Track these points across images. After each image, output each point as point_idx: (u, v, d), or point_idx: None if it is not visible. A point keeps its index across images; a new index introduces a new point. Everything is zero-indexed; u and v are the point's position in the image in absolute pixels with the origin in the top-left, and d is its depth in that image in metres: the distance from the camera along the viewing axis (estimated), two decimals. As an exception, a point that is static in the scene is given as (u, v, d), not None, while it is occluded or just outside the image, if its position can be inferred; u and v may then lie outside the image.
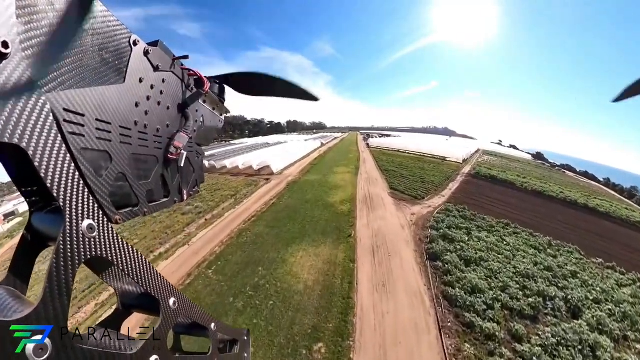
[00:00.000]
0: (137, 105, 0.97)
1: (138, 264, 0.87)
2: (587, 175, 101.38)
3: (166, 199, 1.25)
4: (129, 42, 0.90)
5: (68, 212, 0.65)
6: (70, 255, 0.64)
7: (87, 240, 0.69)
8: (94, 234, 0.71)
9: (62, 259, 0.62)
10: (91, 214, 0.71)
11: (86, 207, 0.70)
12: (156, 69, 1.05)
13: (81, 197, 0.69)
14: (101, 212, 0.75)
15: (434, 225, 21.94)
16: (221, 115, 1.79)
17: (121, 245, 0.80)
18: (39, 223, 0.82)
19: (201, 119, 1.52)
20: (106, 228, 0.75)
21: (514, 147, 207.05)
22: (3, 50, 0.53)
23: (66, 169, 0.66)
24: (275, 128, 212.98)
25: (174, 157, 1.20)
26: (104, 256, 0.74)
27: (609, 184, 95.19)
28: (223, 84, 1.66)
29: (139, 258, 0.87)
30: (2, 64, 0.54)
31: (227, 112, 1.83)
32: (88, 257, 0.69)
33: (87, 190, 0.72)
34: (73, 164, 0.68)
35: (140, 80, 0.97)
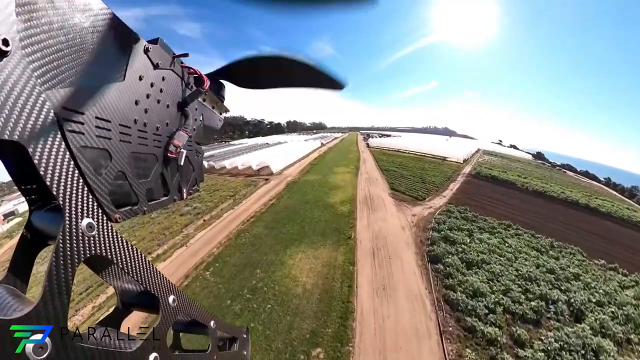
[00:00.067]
0: (137, 103, 0.96)
1: (137, 263, 0.87)
2: (588, 175, 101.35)
3: (166, 198, 1.25)
4: (129, 40, 0.90)
5: (67, 211, 0.65)
6: (69, 253, 0.64)
7: (87, 238, 0.69)
8: (94, 233, 0.71)
9: (62, 258, 0.62)
10: (91, 213, 0.71)
11: (85, 206, 0.70)
12: (156, 67, 1.04)
13: (81, 196, 0.69)
14: (100, 211, 0.75)
15: (435, 226, 21.71)
16: (221, 114, 1.78)
17: (121, 243, 0.80)
18: (39, 221, 0.82)
19: (201, 118, 1.52)
20: (106, 227, 0.75)
21: (514, 147, 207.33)
22: (3, 47, 0.53)
23: (65, 167, 0.66)
24: (275, 128, 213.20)
25: (174, 156, 1.19)
26: (104, 255, 0.74)
27: (610, 184, 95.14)
28: (223, 80, 1.60)
29: (139, 256, 0.87)
30: (2, 62, 0.54)
31: (227, 111, 1.82)
32: (87, 256, 0.69)
33: (87, 188, 0.72)
34: (72, 162, 0.68)
35: (140, 78, 0.96)
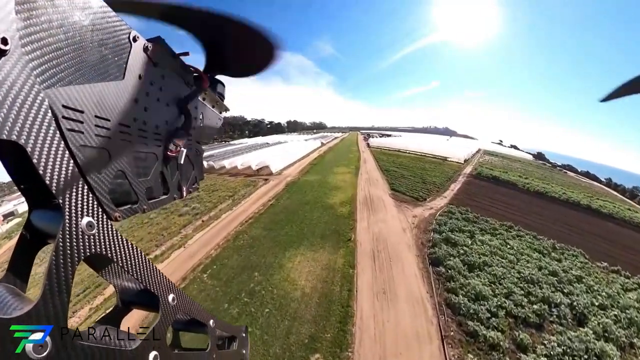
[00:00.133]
0: (137, 102, 0.95)
1: (137, 261, 0.86)
2: (589, 175, 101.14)
3: (165, 196, 1.24)
4: (129, 38, 0.88)
5: (67, 210, 0.65)
6: (69, 252, 0.64)
7: (87, 237, 0.69)
8: (93, 231, 0.71)
9: (62, 257, 0.62)
10: (90, 212, 0.71)
11: (85, 205, 0.70)
12: (156, 66, 1.03)
13: (80, 195, 0.69)
14: (100, 210, 0.75)
15: (436, 228, 21.43)
16: (220, 112, 1.78)
17: (120, 242, 0.79)
18: (38, 220, 0.81)
19: (200, 116, 1.50)
20: (105, 225, 0.75)
21: (515, 147, 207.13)
22: (2, 46, 0.53)
23: (65, 166, 0.65)
24: (275, 128, 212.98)
25: (174, 155, 1.18)
26: (104, 253, 0.74)
27: (611, 184, 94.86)
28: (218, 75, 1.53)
29: (138, 255, 0.87)
30: (1, 61, 0.53)
31: (227, 110, 1.81)
32: (87, 255, 0.69)
33: (87, 187, 0.72)
34: (72, 161, 0.68)
35: (139, 76, 0.95)
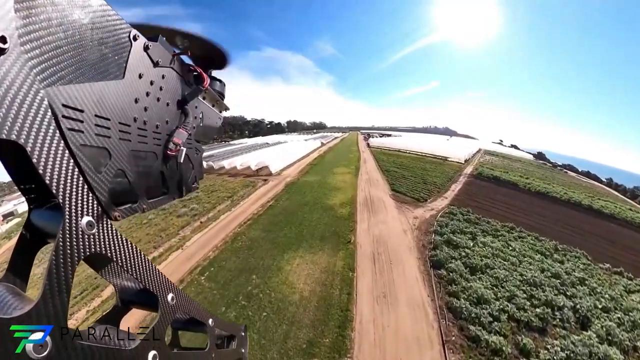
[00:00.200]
0: (137, 101, 0.95)
1: (137, 261, 0.86)
2: (590, 175, 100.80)
3: (165, 195, 1.24)
4: (129, 37, 0.88)
5: (67, 209, 0.64)
6: (69, 252, 0.63)
7: (87, 237, 0.68)
8: (93, 231, 0.70)
9: (62, 256, 0.62)
10: (90, 211, 0.71)
11: (85, 204, 0.70)
12: (156, 65, 1.02)
13: (80, 194, 0.69)
14: (100, 209, 0.74)
15: (438, 229, 21.17)
16: (220, 112, 1.76)
17: (120, 241, 0.79)
18: (38, 220, 0.81)
19: (200, 116, 1.49)
20: (105, 225, 0.75)
21: (515, 147, 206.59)
22: (1, 45, 0.53)
23: (65, 166, 0.65)
24: (275, 128, 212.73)
25: (173, 154, 1.17)
26: (103, 253, 0.74)
27: (612, 185, 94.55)
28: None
29: (138, 254, 0.87)
30: (0, 59, 0.53)
31: (227, 109, 1.80)
32: (87, 254, 0.68)
33: (87, 186, 0.71)
34: (72, 161, 0.67)
35: (139, 76, 0.95)
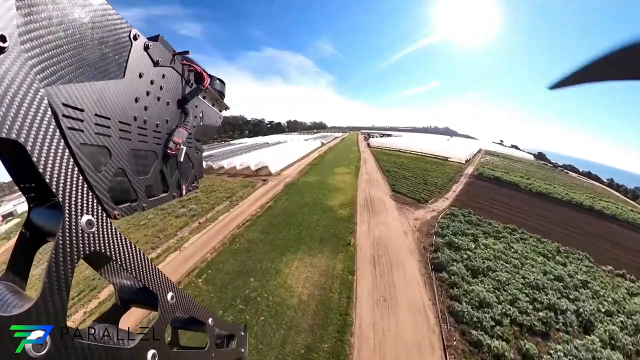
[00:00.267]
0: (137, 100, 0.95)
1: (136, 259, 0.87)
2: (590, 175, 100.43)
3: (165, 194, 1.23)
4: (129, 37, 0.88)
5: (67, 208, 0.64)
6: (69, 250, 0.63)
7: (86, 235, 0.68)
8: (93, 230, 0.70)
9: (62, 254, 0.62)
10: (90, 210, 0.70)
11: (85, 203, 0.69)
12: (156, 64, 1.02)
13: (80, 193, 0.68)
14: (100, 208, 0.74)
15: (439, 231, 20.91)
16: (221, 111, 1.74)
17: (120, 240, 0.80)
18: (38, 219, 0.81)
19: (200, 115, 1.47)
20: (105, 223, 0.75)
21: (516, 147, 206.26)
22: (1, 44, 0.53)
23: (65, 165, 0.65)
24: (275, 128, 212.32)
25: (173, 153, 1.17)
26: (103, 251, 0.74)
27: (613, 185, 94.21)
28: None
29: (137, 253, 0.87)
30: (0, 58, 0.53)
31: (227, 108, 1.78)
32: (87, 253, 0.68)
33: (86, 185, 0.71)
34: (72, 160, 0.67)
35: (140, 75, 0.95)
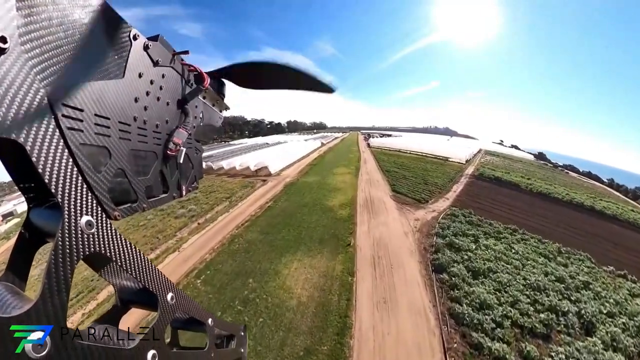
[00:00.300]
0: (137, 100, 0.95)
1: (136, 260, 0.86)
2: (591, 175, 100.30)
3: (165, 195, 1.22)
4: (129, 37, 0.87)
5: (66, 208, 0.64)
6: (69, 251, 0.63)
7: (86, 236, 0.68)
8: (93, 230, 0.70)
9: (61, 255, 0.62)
10: (90, 210, 0.70)
11: (85, 203, 0.69)
12: (156, 64, 1.02)
13: (80, 193, 0.68)
14: (100, 208, 0.74)
15: (439, 232, 20.76)
16: (221, 111, 1.74)
17: (119, 241, 0.79)
18: (38, 219, 0.81)
19: (200, 115, 1.47)
20: (105, 224, 0.74)
21: (516, 147, 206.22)
22: (1, 45, 0.53)
23: (64, 165, 0.65)
24: (275, 128, 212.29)
25: (173, 153, 1.17)
26: (103, 252, 0.74)
27: (613, 185, 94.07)
28: (224, 79, 1.56)
29: (137, 254, 0.87)
30: (0, 59, 0.53)
31: (227, 109, 1.78)
32: (87, 254, 0.68)
33: (86, 186, 0.71)
34: (71, 160, 0.67)
35: (139, 75, 0.95)
